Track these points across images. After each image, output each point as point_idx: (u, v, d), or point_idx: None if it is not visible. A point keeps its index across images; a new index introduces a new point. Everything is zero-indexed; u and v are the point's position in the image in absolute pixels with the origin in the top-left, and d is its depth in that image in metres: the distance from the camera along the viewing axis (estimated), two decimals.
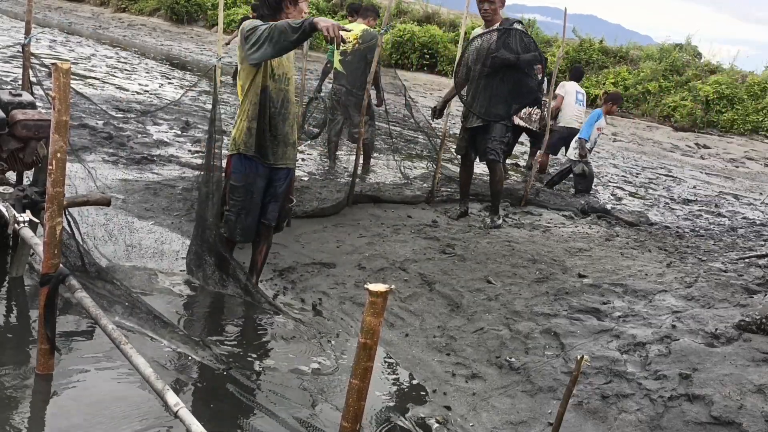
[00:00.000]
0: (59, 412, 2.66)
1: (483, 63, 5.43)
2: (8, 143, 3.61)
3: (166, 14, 26.73)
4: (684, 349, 3.22)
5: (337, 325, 3.80)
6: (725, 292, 3.99)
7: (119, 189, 5.36)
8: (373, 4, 6.26)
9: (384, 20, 5.69)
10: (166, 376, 2.91)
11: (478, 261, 4.63)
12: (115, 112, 8.04)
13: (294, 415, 2.86)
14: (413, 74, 19.46)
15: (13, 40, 12.74)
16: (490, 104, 5.49)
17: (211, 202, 3.91)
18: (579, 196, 7.84)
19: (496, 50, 5.33)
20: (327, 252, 4.71)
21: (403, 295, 4.15)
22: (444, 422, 3.01)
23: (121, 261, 4.11)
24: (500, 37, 5.36)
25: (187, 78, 13.30)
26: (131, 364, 2.48)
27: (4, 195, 3.32)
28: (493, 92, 5.45)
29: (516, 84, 5.44)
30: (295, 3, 3.61)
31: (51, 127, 2.50)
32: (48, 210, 2.59)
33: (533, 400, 3.16)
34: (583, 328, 3.62)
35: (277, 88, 3.68)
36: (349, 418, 1.93)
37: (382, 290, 1.82)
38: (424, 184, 6.83)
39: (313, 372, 3.29)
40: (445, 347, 3.65)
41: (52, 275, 2.68)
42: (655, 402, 2.94)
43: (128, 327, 3.20)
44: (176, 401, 2.25)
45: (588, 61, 18.24)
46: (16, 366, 2.87)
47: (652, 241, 5.66)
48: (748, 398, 2.82)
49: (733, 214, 8.12)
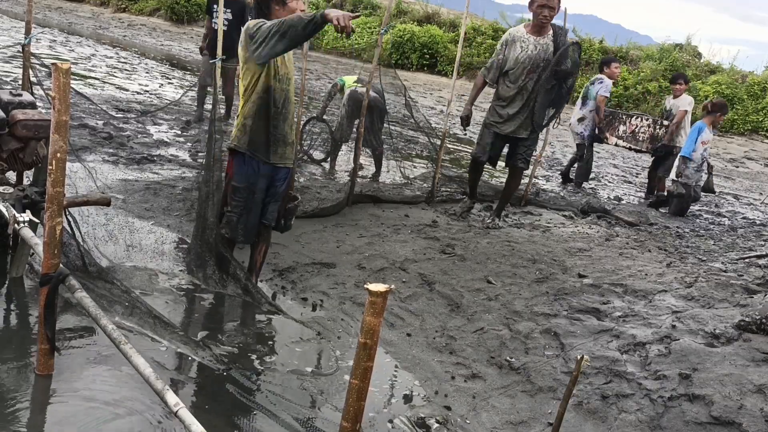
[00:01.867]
0: (59, 412, 2.66)
1: (539, 73, 5.22)
2: (8, 143, 3.61)
3: (166, 14, 26.72)
4: (684, 349, 3.22)
5: (337, 325, 3.80)
6: (725, 292, 4.00)
7: (119, 189, 5.36)
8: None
9: (384, 20, 5.68)
10: (166, 376, 2.91)
11: (478, 261, 4.63)
12: (115, 112, 8.04)
13: (294, 416, 2.86)
14: (413, 74, 19.46)
15: (13, 40, 12.74)
16: (539, 113, 5.35)
17: (211, 202, 3.91)
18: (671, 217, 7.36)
19: (558, 63, 5.14)
20: (327, 252, 4.71)
21: (403, 295, 4.15)
22: (444, 422, 3.01)
23: (122, 261, 4.11)
24: (564, 50, 5.14)
25: (187, 78, 13.29)
26: (131, 364, 2.48)
27: (4, 195, 3.32)
28: (542, 101, 5.30)
29: (557, 93, 5.36)
30: (282, 3, 3.55)
31: (51, 127, 2.50)
32: (48, 210, 2.59)
33: (533, 400, 3.16)
34: (583, 328, 3.62)
35: (279, 89, 3.67)
36: (349, 418, 1.93)
37: (382, 290, 1.82)
38: (424, 184, 6.83)
39: (313, 372, 3.29)
40: (445, 347, 3.65)
41: (52, 275, 2.68)
42: (655, 402, 2.94)
43: (128, 327, 3.20)
44: (176, 401, 2.25)
45: (588, 61, 18.24)
46: (16, 366, 2.87)
47: (652, 241, 5.66)
48: (748, 398, 2.82)
49: (733, 214, 8.13)
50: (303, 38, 3.39)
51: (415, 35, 20.65)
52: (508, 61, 5.33)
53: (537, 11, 5.21)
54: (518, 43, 5.29)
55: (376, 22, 21.37)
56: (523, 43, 5.29)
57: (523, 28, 5.40)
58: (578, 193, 8.15)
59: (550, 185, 8.56)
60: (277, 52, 3.41)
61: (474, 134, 12.23)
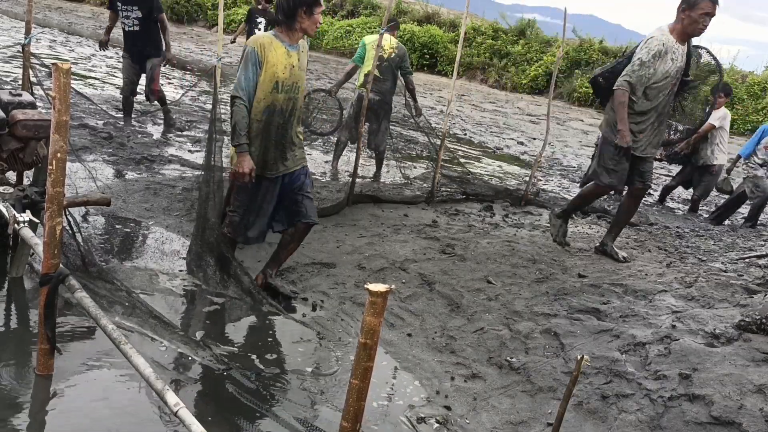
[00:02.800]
0: (59, 412, 2.66)
1: (674, 85, 4.68)
2: (8, 143, 3.61)
3: (165, 14, 26.74)
4: (684, 349, 3.22)
5: (337, 325, 3.80)
6: (725, 292, 4.00)
7: (119, 189, 5.35)
8: (394, 17, 6.09)
9: (384, 20, 5.68)
10: (166, 376, 2.91)
11: (478, 261, 4.63)
12: (115, 112, 8.03)
13: (294, 416, 2.86)
14: (413, 74, 19.44)
15: (13, 40, 12.73)
16: (666, 129, 4.92)
17: (212, 202, 3.91)
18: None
19: (686, 73, 4.71)
20: (327, 252, 4.71)
21: (403, 295, 4.15)
22: (444, 422, 3.01)
23: (122, 261, 4.11)
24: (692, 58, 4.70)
25: (187, 78, 13.29)
26: (131, 364, 2.48)
27: (4, 195, 3.32)
28: (668, 115, 4.83)
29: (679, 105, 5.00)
30: (310, 13, 3.61)
31: (51, 127, 2.50)
32: (48, 210, 2.59)
33: (533, 400, 3.16)
34: (583, 328, 3.62)
35: (286, 98, 3.72)
36: (349, 418, 1.93)
37: (382, 290, 1.82)
38: (424, 184, 6.83)
39: (313, 372, 3.29)
40: (445, 347, 3.65)
41: (52, 275, 2.68)
42: (655, 402, 2.94)
43: (128, 327, 3.20)
44: (176, 401, 2.25)
45: (588, 61, 18.24)
46: (16, 366, 2.87)
47: (652, 241, 5.66)
48: (748, 398, 2.82)
49: (733, 214, 8.12)
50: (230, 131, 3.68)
51: (415, 35, 20.67)
52: (656, 74, 4.53)
53: (699, 18, 4.43)
54: (669, 55, 4.53)
55: (376, 22, 21.37)
56: (674, 53, 4.55)
57: (670, 35, 4.56)
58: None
59: (550, 185, 8.56)
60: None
61: (474, 134, 12.24)
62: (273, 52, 3.62)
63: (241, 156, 3.60)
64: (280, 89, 3.67)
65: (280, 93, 3.68)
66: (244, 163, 3.60)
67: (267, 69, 3.61)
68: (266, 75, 3.62)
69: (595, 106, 16.97)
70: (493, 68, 20.01)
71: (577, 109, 17.05)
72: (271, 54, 3.61)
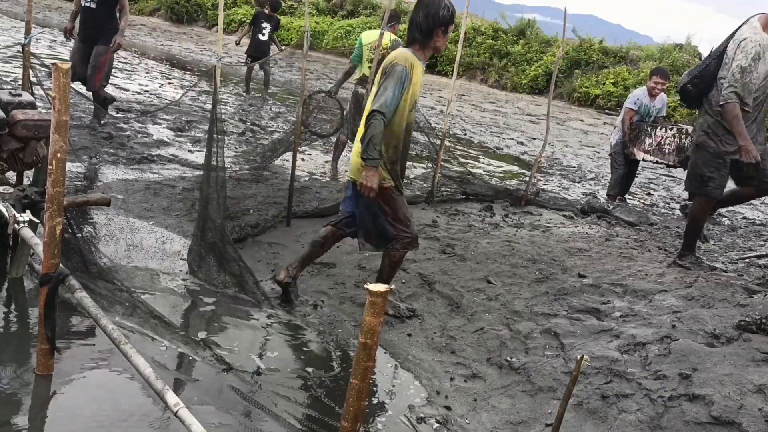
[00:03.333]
0: (59, 413, 2.66)
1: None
2: (8, 143, 3.61)
3: (166, 14, 26.74)
4: (684, 349, 3.22)
5: (338, 325, 3.80)
6: (725, 292, 3.99)
7: (119, 189, 5.36)
8: (394, 10, 6.01)
9: (384, 20, 5.68)
10: (166, 376, 2.91)
11: (478, 261, 4.63)
12: (115, 112, 8.04)
13: (294, 415, 2.86)
14: None
15: (13, 40, 12.74)
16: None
17: (215, 202, 3.91)
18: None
19: None
20: (327, 252, 4.71)
21: (403, 295, 4.15)
22: (444, 422, 3.01)
23: (122, 261, 4.11)
24: None
25: (187, 78, 13.30)
26: (131, 364, 2.48)
27: (4, 195, 3.32)
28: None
29: None
30: (446, 32, 3.63)
31: (51, 127, 2.50)
32: (48, 210, 2.59)
33: (533, 400, 3.16)
34: (583, 328, 3.62)
35: (412, 118, 3.71)
36: (349, 418, 1.93)
37: (382, 290, 1.82)
38: (424, 184, 6.83)
39: (313, 372, 3.29)
40: (445, 347, 3.65)
41: (52, 275, 2.68)
42: (655, 402, 2.94)
43: (128, 327, 3.20)
44: (176, 401, 2.25)
45: (588, 61, 18.24)
46: (16, 366, 2.87)
47: (652, 241, 5.65)
48: (748, 398, 2.82)
49: (733, 214, 8.11)
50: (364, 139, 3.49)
51: None
52: (759, 76, 4.28)
53: None
54: (767, 54, 4.26)
55: (376, 22, 21.37)
56: None
57: (763, 32, 4.31)
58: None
59: (550, 185, 8.56)
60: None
61: (474, 134, 12.24)
62: (416, 70, 3.56)
63: (372, 171, 3.47)
64: (415, 108, 3.68)
65: (413, 111, 3.67)
66: (375, 178, 3.48)
67: (411, 88, 3.55)
68: (409, 94, 3.56)
69: (595, 106, 16.97)
70: (493, 68, 20.00)
71: (577, 109, 17.04)
72: (415, 73, 3.55)
